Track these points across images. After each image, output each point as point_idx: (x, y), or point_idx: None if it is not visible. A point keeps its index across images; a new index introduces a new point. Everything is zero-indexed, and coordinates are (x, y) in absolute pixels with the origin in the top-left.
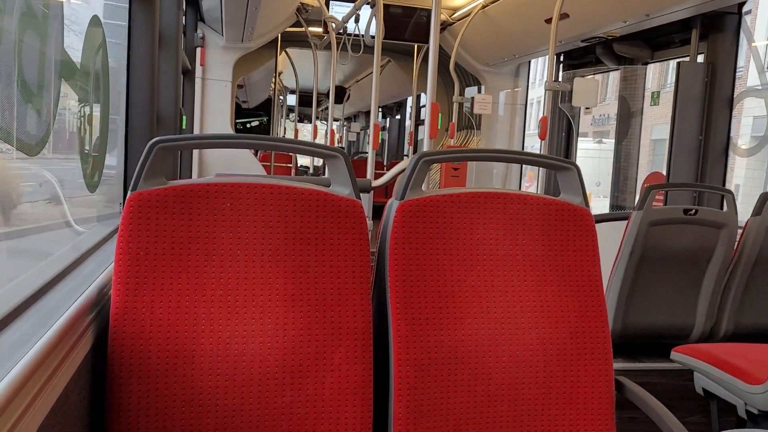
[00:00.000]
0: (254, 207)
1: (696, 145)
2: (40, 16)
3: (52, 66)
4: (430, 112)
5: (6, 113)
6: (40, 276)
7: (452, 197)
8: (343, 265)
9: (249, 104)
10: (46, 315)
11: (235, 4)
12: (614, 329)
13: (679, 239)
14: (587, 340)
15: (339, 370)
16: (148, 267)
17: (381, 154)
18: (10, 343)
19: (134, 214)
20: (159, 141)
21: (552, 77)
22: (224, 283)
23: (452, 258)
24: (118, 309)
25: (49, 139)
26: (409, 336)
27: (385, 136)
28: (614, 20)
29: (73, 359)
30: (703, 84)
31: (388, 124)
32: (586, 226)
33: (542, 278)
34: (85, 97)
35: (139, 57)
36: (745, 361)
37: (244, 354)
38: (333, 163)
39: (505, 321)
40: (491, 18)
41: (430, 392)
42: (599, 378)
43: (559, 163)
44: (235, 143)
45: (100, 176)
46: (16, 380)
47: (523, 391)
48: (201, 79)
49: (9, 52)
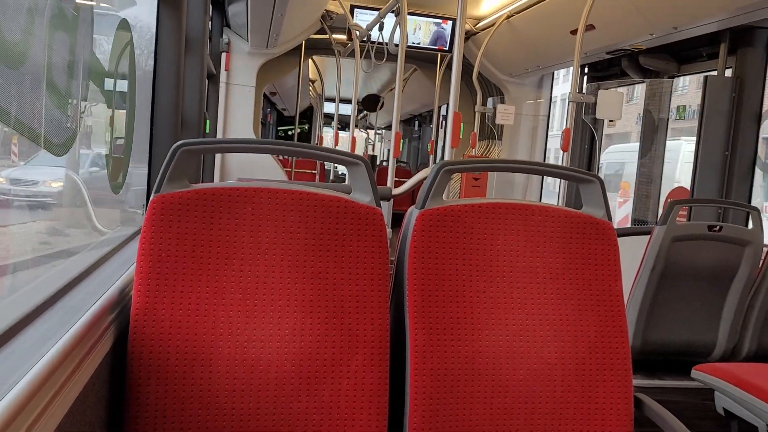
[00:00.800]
0: (275, 212)
1: (721, 160)
2: (69, 18)
3: (80, 69)
4: (452, 121)
5: (35, 115)
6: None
7: (473, 207)
8: (362, 272)
9: (289, 112)
10: (68, 313)
11: (261, 11)
12: (634, 345)
13: (702, 256)
14: (606, 356)
15: (355, 377)
16: (169, 269)
17: (411, 162)
18: (32, 340)
19: (157, 216)
20: (183, 144)
21: (576, 89)
22: (243, 287)
23: (471, 268)
24: (138, 309)
25: (76, 141)
26: (426, 345)
27: (418, 145)
28: (641, 33)
29: (93, 358)
30: (730, 99)
31: (420, 133)
32: (609, 239)
33: (562, 291)
34: (111, 99)
35: (165, 61)
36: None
37: (261, 358)
38: (354, 170)
39: (524, 333)
40: (516, 28)
41: (446, 402)
42: (618, 394)
43: (582, 176)
44: (258, 148)
45: (124, 178)
46: (37, 378)
47: (540, 404)
48: (225, 83)
49: (39, 54)
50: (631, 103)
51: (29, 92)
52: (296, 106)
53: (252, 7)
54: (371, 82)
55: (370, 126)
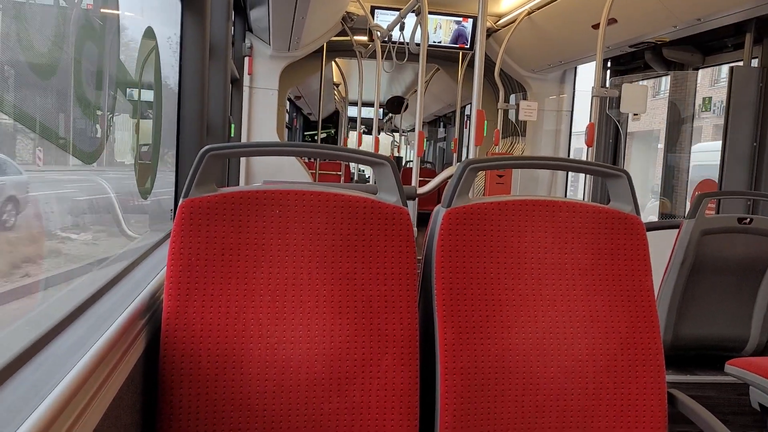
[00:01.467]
0: (302, 214)
1: (750, 152)
2: (96, 28)
3: (107, 77)
4: (475, 119)
5: (64, 124)
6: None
7: (499, 205)
8: (390, 272)
9: (315, 116)
10: (100, 318)
11: (282, 14)
12: (665, 340)
13: (732, 249)
14: (638, 351)
15: (385, 377)
16: (199, 272)
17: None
18: (67, 346)
19: (186, 220)
20: (210, 149)
21: (599, 83)
22: (272, 289)
23: (499, 266)
24: (170, 314)
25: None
26: (455, 344)
27: (443, 145)
28: (664, 25)
29: (126, 363)
30: (757, 89)
31: (446, 134)
32: (638, 234)
33: (592, 287)
34: (138, 107)
35: (190, 67)
36: None
37: (292, 360)
38: (380, 170)
39: (554, 330)
40: (537, 24)
41: (477, 401)
42: (651, 390)
43: (609, 171)
44: (284, 151)
45: (152, 184)
46: (73, 383)
47: (572, 402)
48: (248, 87)
49: (67, 64)
50: (658, 98)
51: (58, 101)
52: (319, 110)
53: (273, 11)
54: (395, 84)
55: (395, 129)
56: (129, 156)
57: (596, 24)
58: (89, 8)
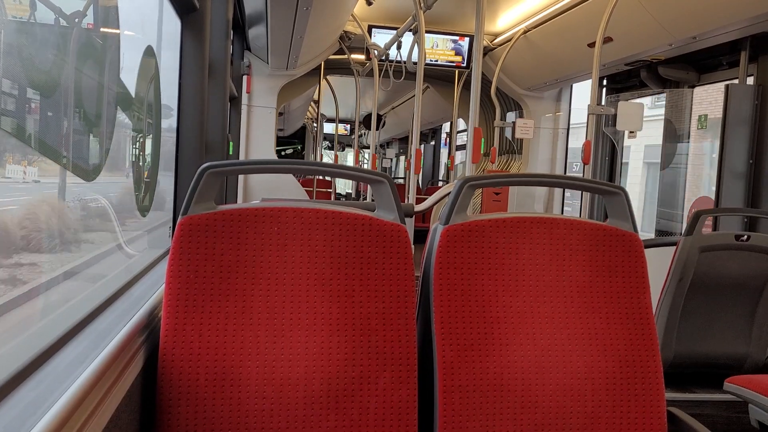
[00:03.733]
0: (300, 231)
1: (746, 169)
2: (97, 47)
3: (107, 96)
4: (472, 136)
5: (64, 141)
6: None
7: (497, 222)
8: (388, 289)
9: (285, 132)
10: (99, 336)
11: (280, 33)
12: (664, 358)
13: (730, 266)
14: (637, 369)
15: (383, 395)
16: (198, 290)
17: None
18: (65, 364)
19: (185, 237)
20: (209, 167)
21: (595, 101)
22: (270, 306)
23: (497, 283)
24: (168, 331)
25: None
26: (453, 362)
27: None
28: (659, 43)
29: (124, 381)
30: (753, 107)
31: (423, 150)
32: (635, 251)
33: (590, 305)
34: (139, 125)
35: (189, 86)
36: None
37: (290, 377)
38: (378, 187)
39: (552, 348)
40: (533, 43)
41: (475, 419)
42: (650, 408)
43: (606, 188)
44: (281, 168)
45: (151, 201)
46: (71, 401)
47: (570, 420)
48: (247, 105)
49: (68, 83)
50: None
51: (59, 120)
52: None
53: (272, 30)
54: (370, 101)
55: (365, 146)
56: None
57: (592, 42)
58: (90, 27)
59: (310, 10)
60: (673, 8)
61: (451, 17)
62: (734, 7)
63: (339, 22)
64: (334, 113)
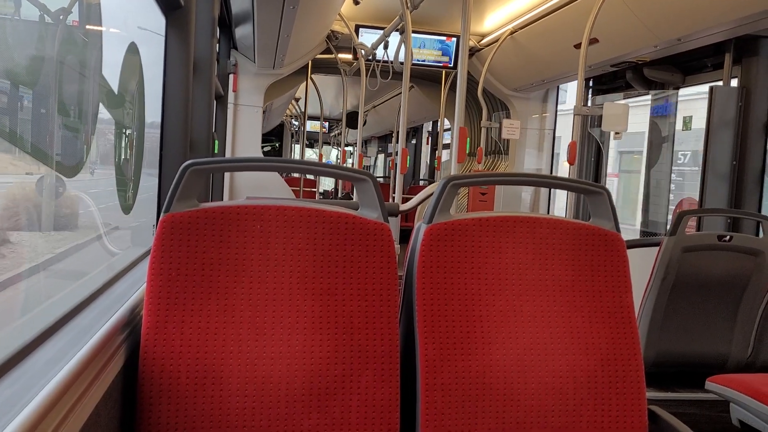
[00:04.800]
0: (283, 229)
1: (729, 170)
2: (79, 44)
3: (90, 93)
4: (458, 136)
5: (46, 138)
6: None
7: (480, 221)
8: (371, 288)
9: (264, 129)
10: (79, 333)
11: (267, 32)
12: (646, 357)
13: (713, 266)
14: (619, 368)
15: (365, 393)
16: (179, 288)
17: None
18: (44, 361)
19: (167, 235)
20: (191, 164)
21: (581, 102)
22: (253, 304)
23: (480, 282)
24: (149, 329)
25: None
26: (436, 360)
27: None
28: (644, 45)
29: (104, 378)
30: (736, 108)
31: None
32: (618, 251)
33: (572, 304)
34: (122, 122)
35: (173, 83)
36: None
37: (272, 376)
38: (362, 186)
39: (534, 346)
40: (520, 43)
41: (458, 417)
42: (632, 407)
43: (589, 187)
44: (265, 166)
45: (134, 199)
46: (49, 397)
47: (552, 418)
48: (233, 104)
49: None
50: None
51: (41, 117)
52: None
53: (258, 29)
54: (352, 99)
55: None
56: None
57: (578, 43)
58: (75, 24)
59: (297, 9)
60: (658, 10)
61: (438, 17)
62: (718, 9)
63: (326, 22)
64: (316, 111)
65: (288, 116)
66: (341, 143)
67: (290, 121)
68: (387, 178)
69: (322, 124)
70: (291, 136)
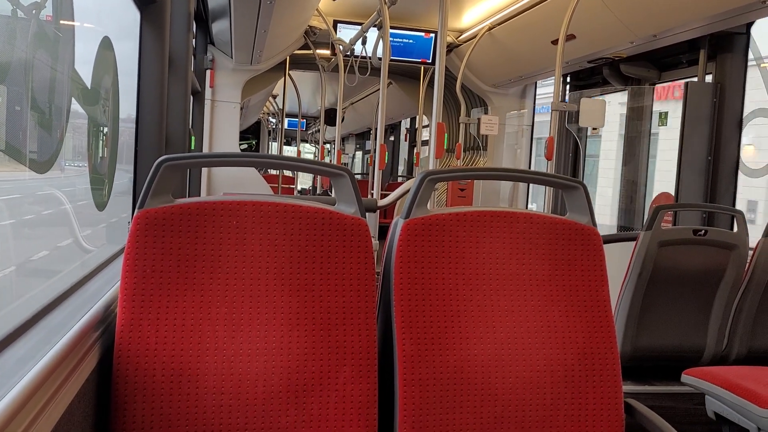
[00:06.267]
0: (260, 225)
1: (705, 165)
2: (51, 38)
3: (63, 88)
4: (436, 132)
5: (18, 133)
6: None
7: (458, 216)
8: (348, 283)
9: (240, 127)
10: (52, 331)
11: (244, 28)
12: (623, 351)
13: (688, 260)
14: (596, 362)
15: (343, 389)
16: (154, 285)
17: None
18: (15, 359)
19: (141, 231)
20: (166, 159)
21: (559, 98)
22: (229, 301)
23: (458, 277)
24: (123, 326)
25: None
26: (414, 356)
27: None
28: (621, 41)
29: (78, 376)
30: (711, 104)
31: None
32: (594, 246)
33: (549, 298)
34: (95, 118)
35: (148, 79)
36: (759, 385)
37: (249, 372)
38: (338, 181)
39: (512, 341)
40: (497, 40)
41: (436, 412)
42: (608, 400)
43: (566, 182)
44: (240, 161)
45: (109, 195)
46: (20, 396)
47: (530, 412)
48: (210, 100)
49: (21, 74)
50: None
51: (12, 112)
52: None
53: (235, 24)
54: (329, 96)
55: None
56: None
57: (555, 40)
58: (48, 19)
59: (274, 4)
60: (634, 7)
61: (416, 13)
62: (693, 6)
63: (304, 17)
64: (294, 108)
65: (265, 113)
66: (319, 140)
67: (267, 119)
68: (365, 175)
69: (300, 122)
70: (268, 134)
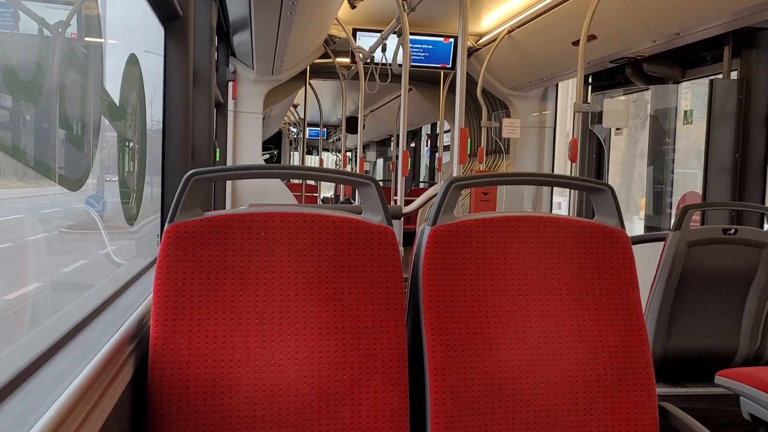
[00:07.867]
0: (288, 236)
1: (732, 163)
2: (80, 56)
3: (92, 105)
4: (459, 137)
5: (49, 151)
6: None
7: (484, 221)
8: (377, 291)
9: (262, 137)
10: (87, 346)
11: (265, 39)
12: (654, 353)
13: (718, 260)
14: (628, 365)
15: (375, 397)
16: (186, 297)
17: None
18: (53, 376)
19: (171, 245)
20: (194, 173)
21: (581, 99)
22: (259, 312)
23: (486, 283)
24: (157, 339)
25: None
26: (444, 362)
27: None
28: (643, 40)
29: (114, 390)
30: (737, 101)
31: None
32: (623, 248)
33: (579, 302)
34: (124, 134)
35: (174, 93)
36: None
37: (280, 382)
38: (364, 190)
39: (542, 346)
40: (517, 42)
41: (468, 419)
42: (642, 404)
43: (593, 185)
44: (267, 173)
45: (138, 209)
46: (60, 412)
47: (563, 418)
48: (233, 112)
49: (52, 93)
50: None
51: (44, 131)
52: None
53: (256, 36)
54: (350, 104)
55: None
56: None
57: (576, 41)
58: (74, 37)
59: (294, 15)
60: (655, 5)
61: (436, 19)
62: (717, 2)
63: (323, 26)
64: (315, 117)
65: (286, 123)
66: (341, 149)
67: (288, 129)
68: (387, 182)
69: (321, 130)
70: (290, 144)
